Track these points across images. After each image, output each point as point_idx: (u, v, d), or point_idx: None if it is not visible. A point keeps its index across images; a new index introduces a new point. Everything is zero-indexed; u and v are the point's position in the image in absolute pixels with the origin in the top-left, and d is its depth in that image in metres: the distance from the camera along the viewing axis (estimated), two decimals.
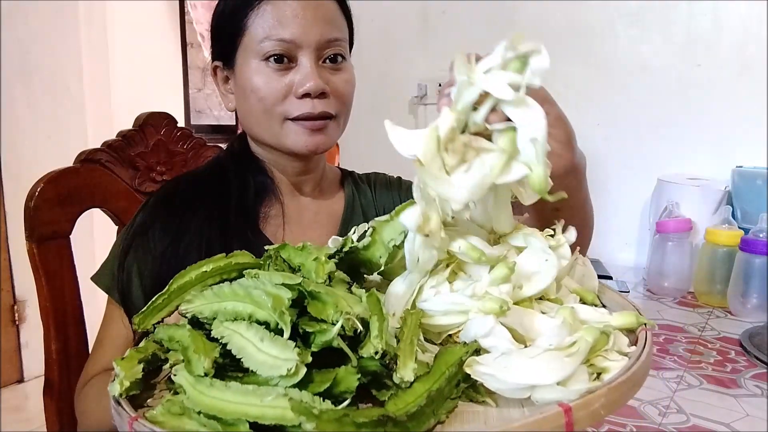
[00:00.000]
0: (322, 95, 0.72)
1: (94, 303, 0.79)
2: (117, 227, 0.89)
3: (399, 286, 0.46)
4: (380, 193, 0.90)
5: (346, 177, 0.90)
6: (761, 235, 1.05)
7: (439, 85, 1.77)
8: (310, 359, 0.35)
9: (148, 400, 0.42)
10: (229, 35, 0.74)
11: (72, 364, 0.82)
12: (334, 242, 0.51)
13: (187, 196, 0.76)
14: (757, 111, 1.34)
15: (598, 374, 0.38)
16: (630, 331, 0.43)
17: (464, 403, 0.38)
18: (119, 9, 2.89)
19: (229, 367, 0.39)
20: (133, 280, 0.72)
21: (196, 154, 0.99)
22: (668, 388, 0.79)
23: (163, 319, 0.46)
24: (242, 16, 0.72)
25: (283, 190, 0.81)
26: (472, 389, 0.38)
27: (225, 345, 0.39)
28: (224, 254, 0.49)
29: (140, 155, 0.92)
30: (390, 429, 0.32)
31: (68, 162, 0.86)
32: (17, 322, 2.46)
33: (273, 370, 0.35)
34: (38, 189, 0.79)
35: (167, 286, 0.47)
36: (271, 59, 0.71)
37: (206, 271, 0.47)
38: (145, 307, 0.46)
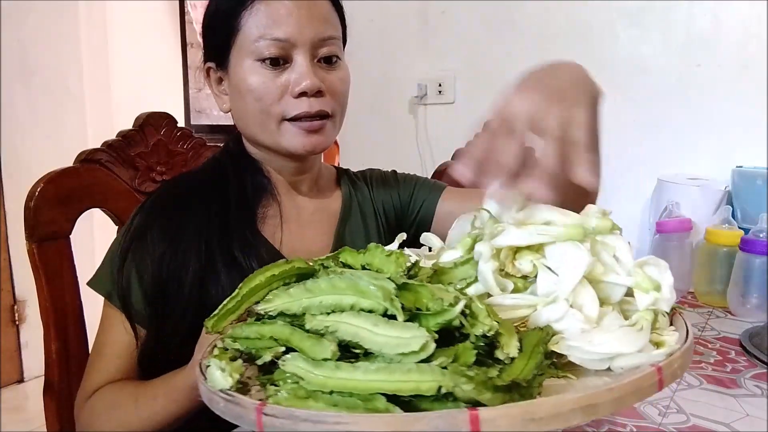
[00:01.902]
0: (318, 94, 0.72)
1: (94, 303, 0.79)
2: (117, 227, 0.89)
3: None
4: (377, 190, 0.90)
5: (342, 175, 0.90)
6: (761, 235, 1.05)
7: (440, 84, 1.77)
8: (437, 336, 0.37)
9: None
10: (222, 35, 0.74)
11: (72, 364, 0.82)
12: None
13: (184, 197, 0.76)
14: (757, 111, 1.34)
15: (657, 346, 0.42)
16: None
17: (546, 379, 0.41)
18: (119, 9, 2.89)
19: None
20: (133, 283, 0.71)
21: (196, 154, 0.99)
22: (668, 388, 0.79)
23: (233, 321, 0.48)
24: (235, 16, 0.72)
25: (280, 189, 0.80)
26: (552, 367, 0.42)
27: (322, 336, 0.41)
28: (285, 260, 0.50)
29: (140, 155, 0.92)
30: (512, 396, 0.35)
31: (68, 162, 0.86)
32: (17, 322, 2.46)
33: (400, 348, 0.37)
34: (38, 189, 0.79)
35: (237, 290, 0.48)
36: (267, 61, 0.71)
37: (275, 275, 0.48)
38: (216, 311, 0.47)
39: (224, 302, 0.48)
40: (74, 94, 2.62)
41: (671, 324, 0.47)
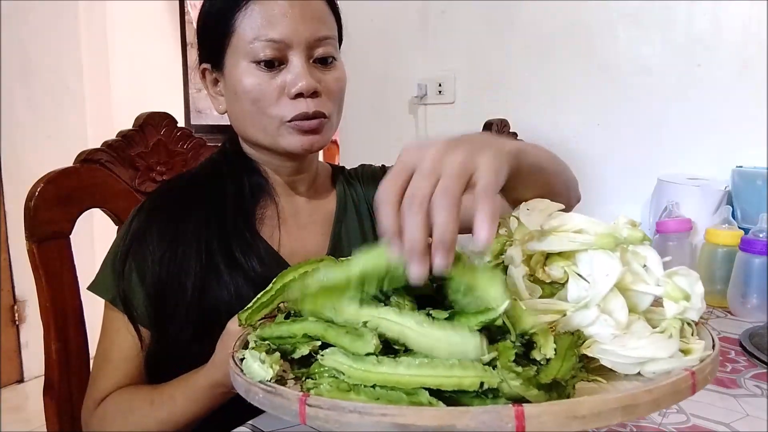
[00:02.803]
0: (314, 94, 0.72)
1: (94, 303, 0.79)
2: (117, 227, 0.89)
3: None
4: (368, 187, 0.90)
5: (337, 174, 0.90)
6: (761, 235, 1.05)
7: (440, 84, 1.77)
8: (487, 341, 0.38)
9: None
10: (217, 37, 0.73)
11: (72, 364, 0.82)
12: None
13: (182, 198, 0.76)
14: (757, 111, 1.34)
15: (684, 354, 0.43)
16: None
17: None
18: (119, 9, 2.89)
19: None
20: (135, 285, 0.71)
21: (196, 154, 0.99)
22: None
23: (266, 315, 0.49)
24: (230, 17, 0.71)
25: (278, 190, 0.80)
26: (582, 371, 0.42)
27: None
28: (316, 259, 0.52)
29: (140, 155, 0.92)
30: (550, 394, 0.36)
31: (68, 162, 0.86)
32: (17, 322, 2.46)
33: (454, 355, 0.37)
34: (38, 189, 0.79)
35: (270, 285, 0.49)
36: (262, 63, 0.71)
37: (307, 272, 0.50)
38: (250, 304, 0.49)
39: (258, 296, 0.49)
40: (74, 94, 2.62)
41: (696, 333, 0.47)
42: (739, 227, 1.16)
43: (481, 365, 0.36)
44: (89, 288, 0.74)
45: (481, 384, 0.34)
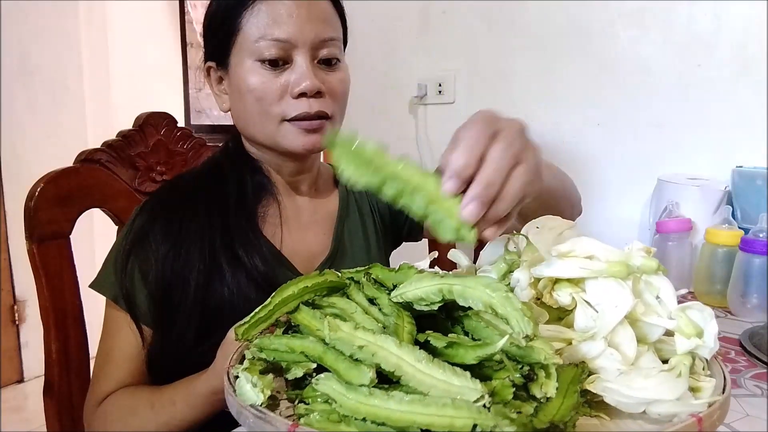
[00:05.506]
0: (317, 94, 0.72)
1: (94, 303, 0.79)
2: (117, 227, 0.89)
3: None
4: None
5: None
6: (761, 235, 1.05)
7: (440, 84, 1.77)
8: (488, 393, 0.36)
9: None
10: (223, 35, 0.74)
11: (72, 364, 0.82)
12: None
13: (185, 197, 0.76)
14: (757, 111, 1.34)
15: (692, 392, 0.42)
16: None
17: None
18: (119, 9, 2.89)
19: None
20: (137, 284, 0.71)
21: (196, 154, 0.99)
22: None
23: (263, 330, 0.48)
24: (236, 16, 0.72)
25: (281, 189, 0.80)
26: (585, 405, 0.41)
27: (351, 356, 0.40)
28: (318, 272, 0.51)
29: (140, 155, 0.92)
30: None
31: (68, 162, 0.86)
32: (17, 322, 2.46)
33: (451, 395, 0.36)
34: (38, 189, 0.79)
35: (269, 299, 0.48)
36: (267, 62, 0.71)
37: (307, 287, 0.49)
38: (247, 318, 0.47)
39: (256, 310, 0.47)
40: (74, 94, 2.62)
41: (707, 368, 0.46)
42: (739, 227, 1.15)
43: (475, 406, 0.34)
44: (91, 286, 0.74)
45: (474, 426, 0.33)
